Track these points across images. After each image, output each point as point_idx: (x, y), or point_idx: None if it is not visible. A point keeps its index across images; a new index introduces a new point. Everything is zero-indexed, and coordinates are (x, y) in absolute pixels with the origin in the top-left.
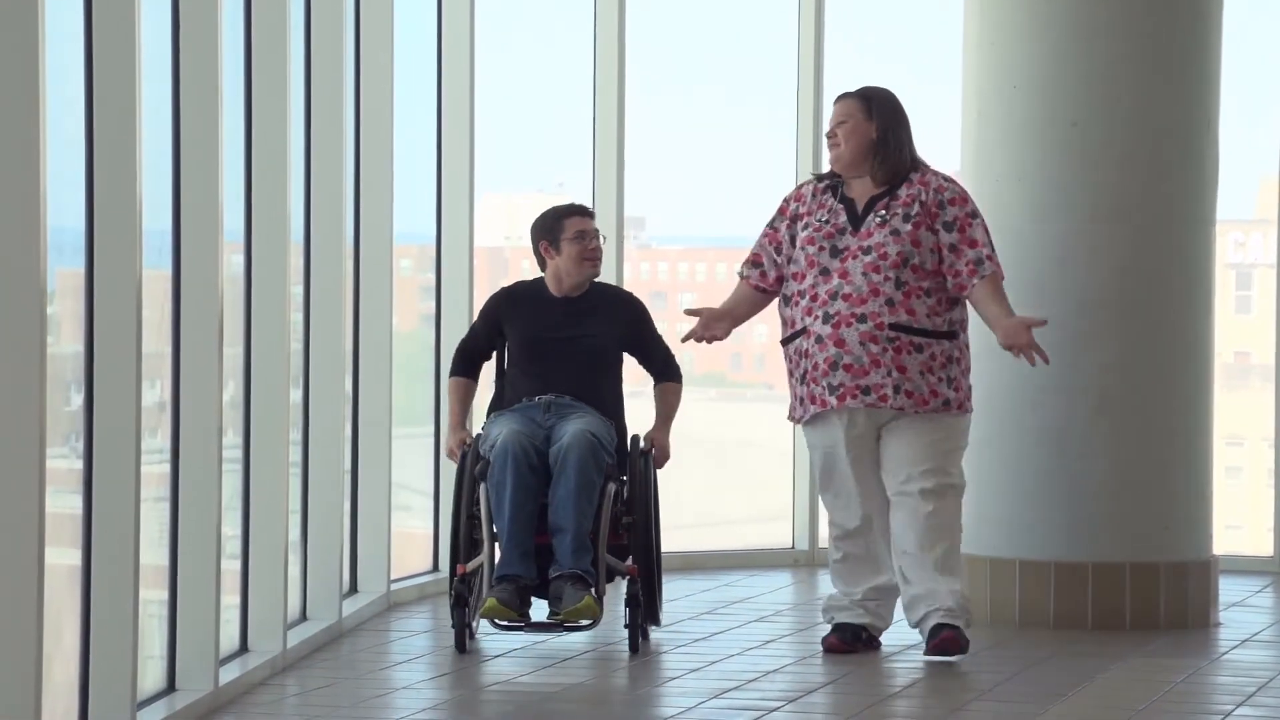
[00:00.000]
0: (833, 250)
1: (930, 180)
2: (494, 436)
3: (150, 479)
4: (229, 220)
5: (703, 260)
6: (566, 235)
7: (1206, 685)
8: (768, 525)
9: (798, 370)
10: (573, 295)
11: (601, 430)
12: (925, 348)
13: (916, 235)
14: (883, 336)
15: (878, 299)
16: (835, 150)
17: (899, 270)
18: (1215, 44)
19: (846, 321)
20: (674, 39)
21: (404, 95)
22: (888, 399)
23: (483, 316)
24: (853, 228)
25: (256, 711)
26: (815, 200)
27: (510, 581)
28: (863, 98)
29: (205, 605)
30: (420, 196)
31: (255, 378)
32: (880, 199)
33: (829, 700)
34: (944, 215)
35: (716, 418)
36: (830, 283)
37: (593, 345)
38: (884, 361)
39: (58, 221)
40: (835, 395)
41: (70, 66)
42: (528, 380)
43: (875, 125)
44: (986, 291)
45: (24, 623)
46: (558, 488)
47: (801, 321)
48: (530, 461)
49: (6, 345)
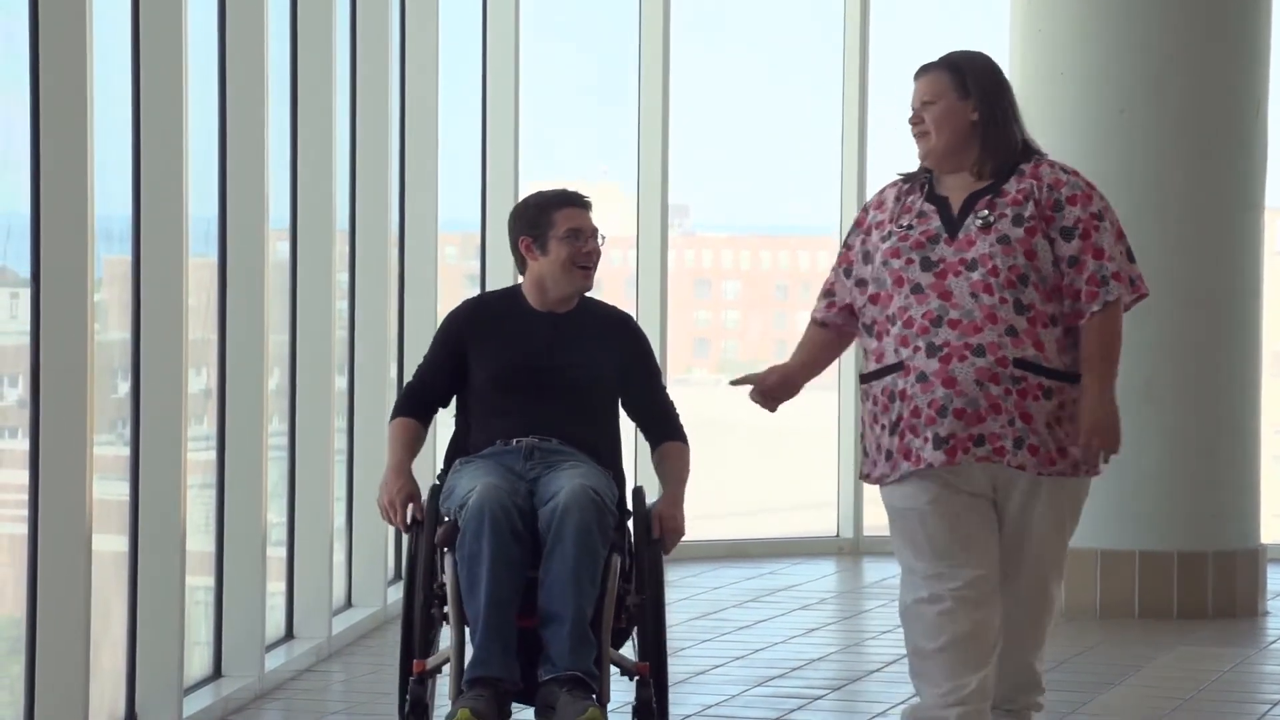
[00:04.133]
0: (924, 263)
1: (1044, 173)
2: (463, 492)
3: (196, 466)
4: (274, 208)
5: (746, 248)
6: (556, 232)
7: (1254, 674)
8: (812, 513)
9: (886, 416)
10: (559, 311)
11: (603, 485)
12: (1055, 393)
13: (1031, 244)
14: (1005, 375)
15: (995, 327)
16: (923, 140)
17: (1017, 290)
18: (1265, 28)
19: (959, 354)
20: (718, 25)
21: (449, 82)
22: (1005, 452)
23: (440, 343)
24: (948, 234)
25: (302, 698)
26: (899, 204)
27: (487, 686)
28: (953, 69)
29: (251, 592)
30: (465, 184)
31: (300, 365)
32: (981, 196)
33: (873, 688)
34: (1061, 218)
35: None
36: (928, 304)
37: (585, 375)
38: (1005, 407)
39: (105, 209)
40: (944, 449)
41: (118, 57)
42: (502, 419)
43: (973, 103)
44: (1097, 332)
45: (72, 609)
46: (551, 562)
47: (895, 354)
48: (513, 526)
49: (54, 332)
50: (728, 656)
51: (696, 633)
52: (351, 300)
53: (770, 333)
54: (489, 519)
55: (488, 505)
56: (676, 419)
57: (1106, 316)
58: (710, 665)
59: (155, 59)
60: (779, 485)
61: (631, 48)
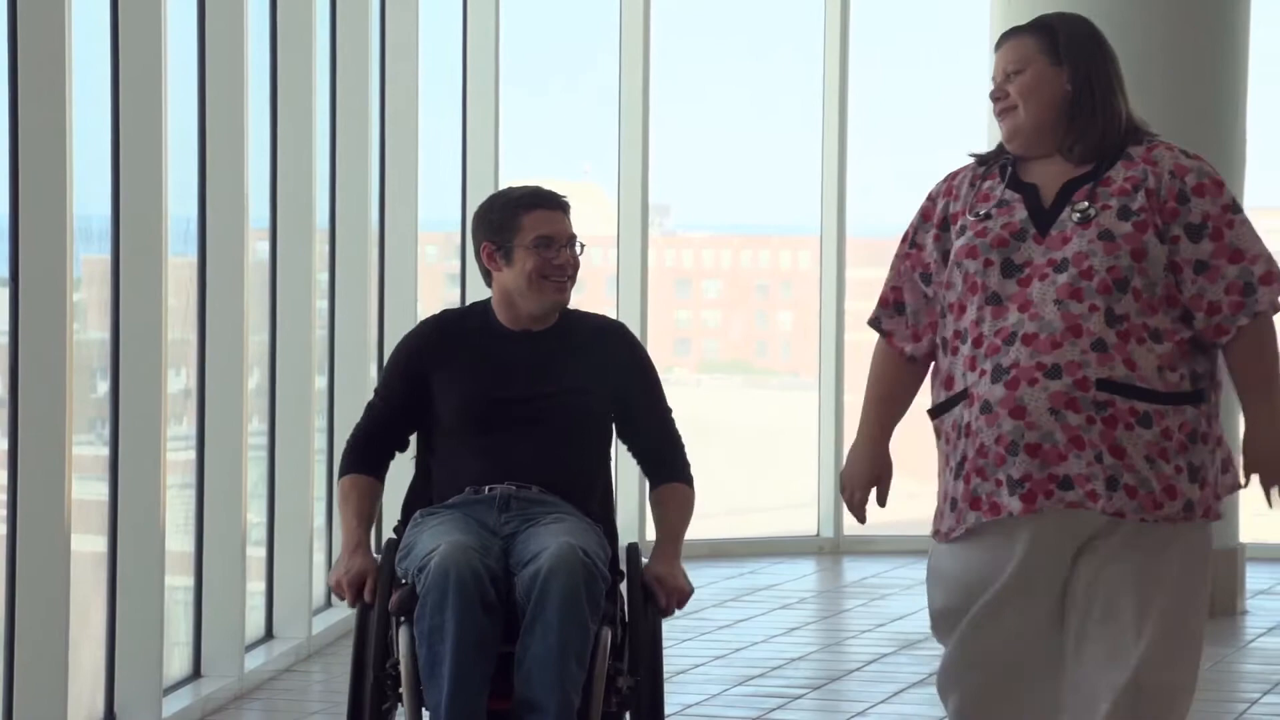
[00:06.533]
0: (1006, 266)
1: (1160, 157)
2: (423, 551)
3: (176, 466)
4: (254, 207)
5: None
6: (523, 239)
7: (1233, 673)
8: (792, 512)
9: (955, 455)
10: (535, 329)
11: (593, 544)
12: (1155, 420)
13: (1141, 242)
14: (1086, 401)
15: (1078, 341)
16: (1008, 118)
17: (1112, 297)
18: (1244, 30)
19: (1029, 377)
20: (699, 23)
21: (429, 81)
22: (1098, 497)
23: (397, 373)
24: (1037, 229)
25: (282, 698)
26: (974, 191)
27: None
28: (1044, 31)
29: (231, 592)
30: (446, 183)
31: (280, 365)
32: (1080, 184)
33: (853, 687)
34: (1186, 213)
35: (741, 405)
36: (1005, 317)
37: (572, 404)
38: (1090, 439)
39: (84, 209)
40: (1018, 494)
41: (96, 57)
42: (471, 462)
43: (1067, 72)
44: (1254, 346)
45: (51, 609)
46: (531, 638)
47: (962, 379)
48: (483, 594)
49: (33, 332)
50: (708, 656)
51: (677, 632)
52: (331, 300)
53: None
54: (454, 585)
55: (453, 569)
56: (683, 454)
57: (1259, 329)
58: (691, 664)
59: (134, 58)
60: (759, 485)
61: (612, 46)
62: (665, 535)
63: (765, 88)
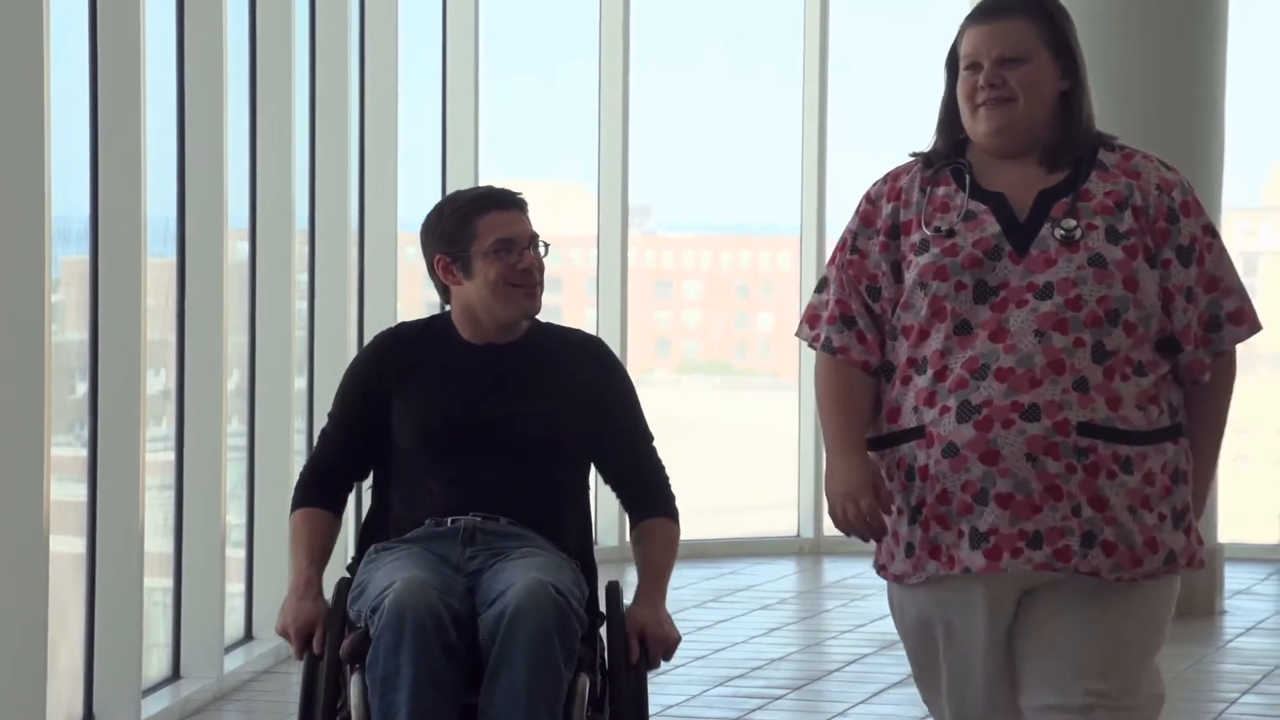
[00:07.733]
0: (979, 290)
1: (1144, 169)
2: (376, 590)
3: (154, 467)
4: (233, 208)
5: (708, 248)
6: (480, 246)
7: (1212, 673)
8: (772, 513)
9: (908, 499)
10: (501, 343)
11: (567, 581)
12: (1137, 465)
13: (1131, 270)
14: (1067, 447)
15: (1059, 380)
16: (1003, 109)
17: (1101, 331)
18: (1221, 29)
19: (1004, 418)
20: (678, 24)
21: (409, 81)
22: (1070, 555)
23: (352, 394)
24: (1013, 247)
25: (261, 699)
26: (925, 197)
27: None
28: (1042, 16)
29: (210, 593)
30: (425, 183)
31: (259, 366)
32: (1056, 196)
33: (833, 688)
34: (1177, 235)
35: (722, 406)
36: (973, 347)
37: (543, 426)
38: (1069, 490)
39: (62, 209)
40: (982, 549)
41: (74, 56)
42: (433, 491)
43: (1064, 67)
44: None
45: (30, 610)
46: (496, 686)
47: (914, 414)
48: (444, 637)
49: (10, 333)
50: (688, 656)
51: None
52: (311, 301)
53: (731, 333)
54: (411, 627)
55: (409, 608)
56: (666, 486)
57: (1219, 369)
58: (670, 665)
59: (113, 58)
60: (739, 485)
61: (592, 46)
62: (649, 576)
63: (745, 88)
